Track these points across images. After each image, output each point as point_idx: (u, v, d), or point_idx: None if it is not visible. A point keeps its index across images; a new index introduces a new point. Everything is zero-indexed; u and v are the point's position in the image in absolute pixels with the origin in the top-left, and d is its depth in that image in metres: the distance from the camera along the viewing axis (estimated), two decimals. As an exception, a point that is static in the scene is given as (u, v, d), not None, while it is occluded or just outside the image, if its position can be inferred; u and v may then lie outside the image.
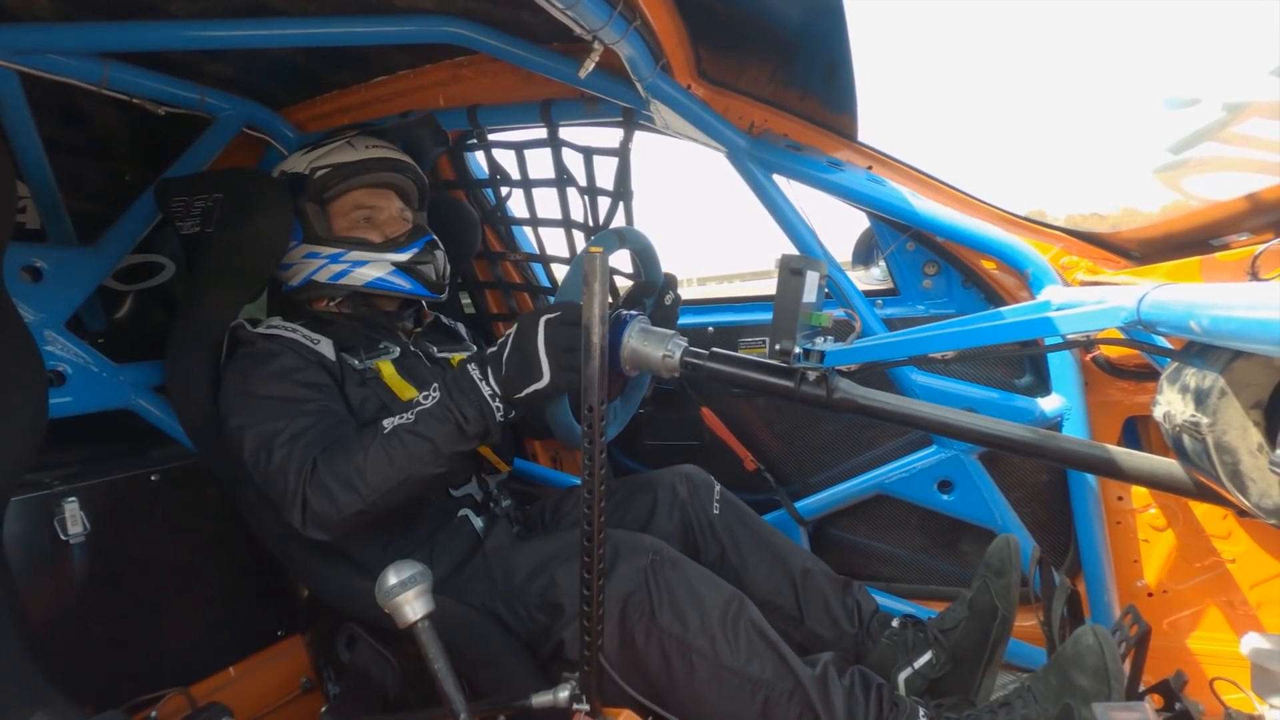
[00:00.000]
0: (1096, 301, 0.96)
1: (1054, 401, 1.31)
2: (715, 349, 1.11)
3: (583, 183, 1.62)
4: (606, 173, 1.59)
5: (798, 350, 0.97)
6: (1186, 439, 0.77)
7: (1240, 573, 1.26)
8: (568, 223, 1.71)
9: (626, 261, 1.58)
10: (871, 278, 1.61)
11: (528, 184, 1.72)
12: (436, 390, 1.09)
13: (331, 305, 1.39)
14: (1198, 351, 0.78)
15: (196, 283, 1.37)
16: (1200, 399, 0.74)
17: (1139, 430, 1.34)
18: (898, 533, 1.62)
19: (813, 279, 0.98)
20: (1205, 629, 1.30)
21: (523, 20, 1.26)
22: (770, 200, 1.43)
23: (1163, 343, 0.97)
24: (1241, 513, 0.77)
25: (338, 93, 1.63)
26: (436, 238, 1.45)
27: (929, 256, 1.48)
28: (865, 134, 1.41)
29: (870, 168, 1.41)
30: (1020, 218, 1.34)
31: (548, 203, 1.73)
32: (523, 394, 1.07)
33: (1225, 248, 1.10)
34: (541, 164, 1.65)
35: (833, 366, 1.02)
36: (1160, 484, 0.87)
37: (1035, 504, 1.47)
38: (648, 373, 1.22)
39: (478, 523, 1.31)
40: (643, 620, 1.05)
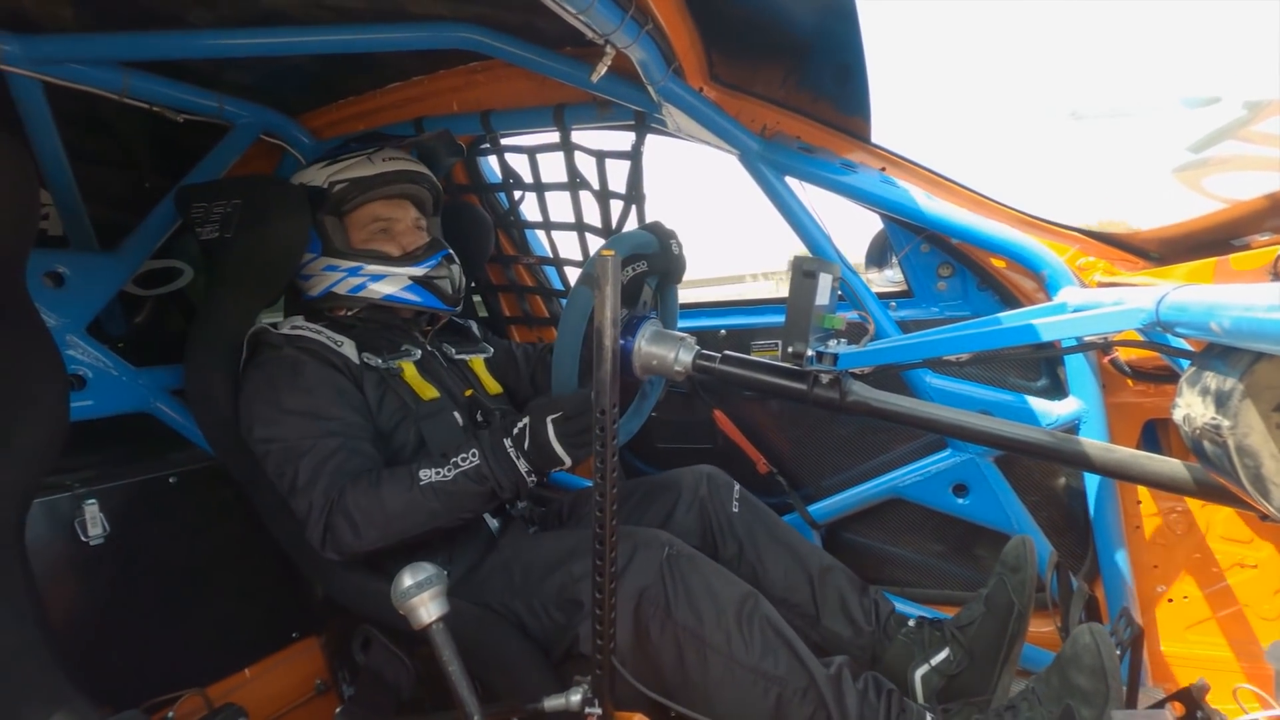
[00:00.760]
0: (1114, 303, 0.94)
1: (1071, 404, 1.30)
2: (727, 352, 1.11)
3: (595, 186, 1.63)
4: (618, 176, 1.59)
5: (810, 353, 0.97)
6: (1207, 442, 0.75)
7: (1263, 578, 1.24)
8: (580, 226, 1.71)
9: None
10: (885, 280, 1.60)
11: (540, 188, 1.73)
12: (475, 456, 1.13)
13: (350, 313, 1.42)
14: (1218, 353, 0.77)
15: (215, 287, 1.39)
16: (1221, 401, 0.73)
17: (1158, 433, 1.32)
18: (912, 536, 1.60)
19: (826, 281, 0.98)
20: (1228, 635, 1.28)
21: (535, 25, 1.26)
22: (783, 203, 1.42)
23: (1182, 345, 0.96)
24: (1264, 517, 0.76)
25: (353, 99, 1.65)
26: (453, 251, 1.48)
27: (943, 258, 1.47)
28: (879, 135, 1.40)
29: (884, 169, 1.40)
30: (1036, 218, 1.33)
31: (560, 206, 1.75)
32: (549, 469, 1.15)
33: (1246, 247, 1.08)
34: (554, 168, 1.66)
35: (846, 369, 1.02)
36: (1180, 488, 0.86)
37: (1052, 508, 1.45)
38: (660, 376, 1.22)
39: (493, 524, 1.32)
40: (657, 614, 1.05)
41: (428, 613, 0.87)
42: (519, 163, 1.73)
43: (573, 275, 1.87)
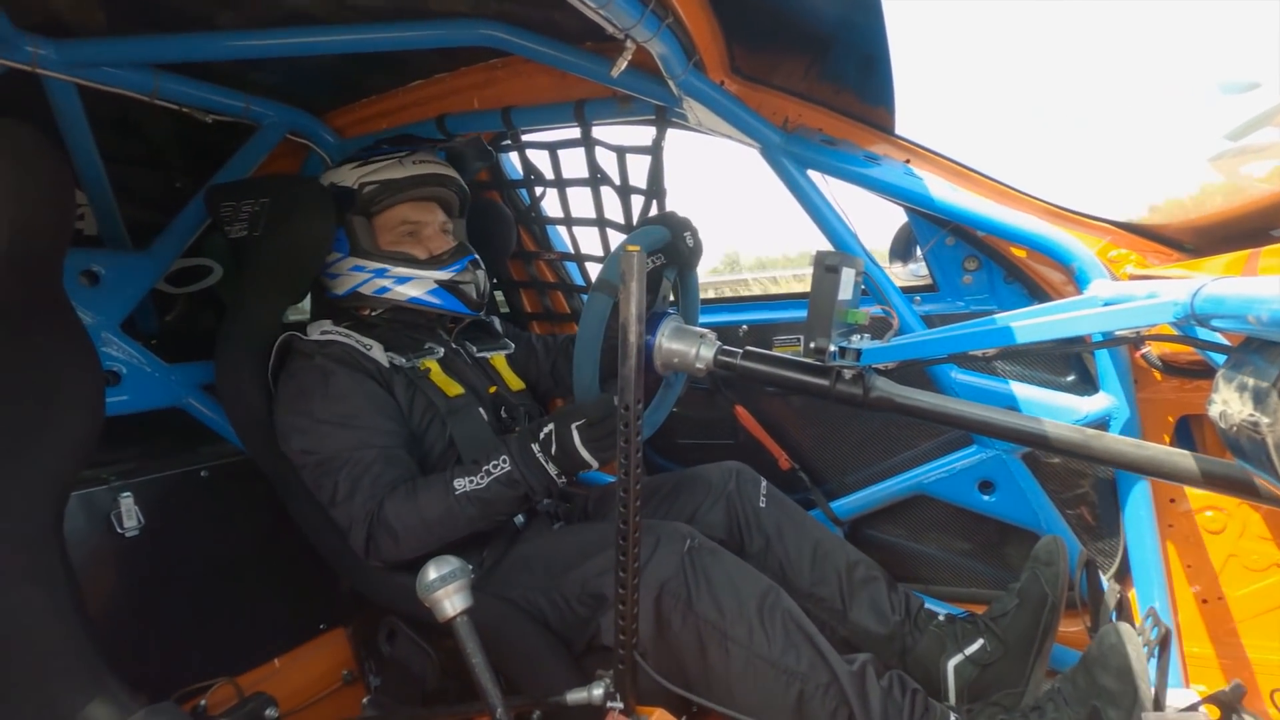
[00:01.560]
0: (1147, 296, 0.92)
1: (1101, 400, 1.27)
2: (749, 348, 1.10)
3: (616, 181, 1.63)
4: (639, 171, 1.59)
5: (833, 348, 0.96)
6: (1244, 439, 0.73)
7: (1303, 579, 1.20)
8: (602, 222, 1.72)
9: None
10: (909, 274, 1.58)
11: (562, 184, 1.73)
12: (506, 462, 1.16)
13: (374, 313, 1.44)
14: (1256, 348, 0.75)
15: (243, 285, 1.42)
16: (1259, 397, 0.70)
17: (1192, 430, 1.29)
18: (937, 534, 1.58)
19: (849, 276, 0.97)
20: (1265, 638, 1.24)
21: (555, 21, 1.26)
22: (805, 196, 1.41)
23: (1218, 339, 0.93)
24: (1304, 516, 0.74)
25: (376, 98, 1.66)
26: (478, 256, 1.49)
27: (969, 251, 1.44)
28: (903, 127, 1.38)
29: (908, 161, 1.38)
30: (1065, 210, 1.30)
31: (581, 202, 1.75)
32: (576, 472, 1.18)
33: (1287, 239, 1.05)
34: (575, 163, 1.66)
35: (869, 365, 1.01)
36: (1216, 486, 0.84)
37: (1082, 506, 1.42)
38: (681, 372, 1.22)
39: (518, 519, 1.34)
40: (679, 606, 1.05)
41: (452, 605, 0.88)
42: (540, 159, 1.74)
43: (594, 270, 1.87)
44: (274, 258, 1.38)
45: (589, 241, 1.82)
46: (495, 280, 1.96)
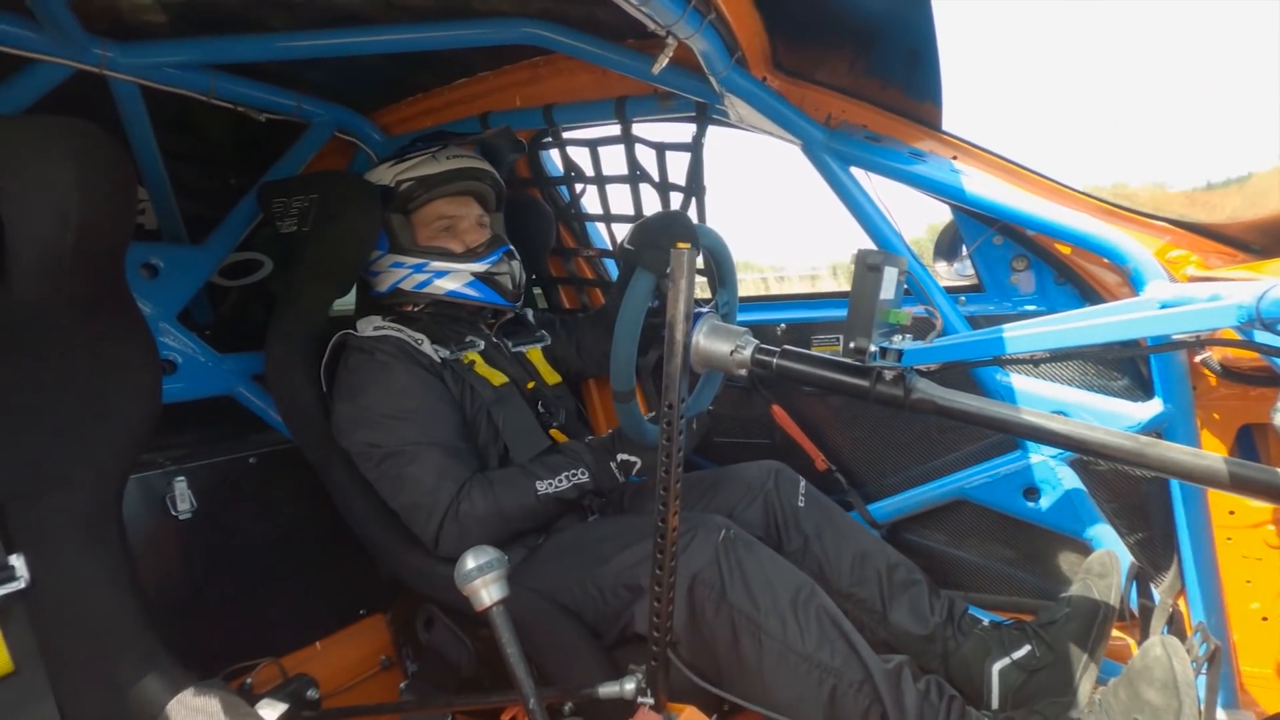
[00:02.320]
0: (1209, 299, 0.88)
1: (1156, 406, 1.22)
2: (787, 347, 1.09)
3: (656, 178, 1.63)
4: (678, 168, 1.59)
5: (873, 349, 0.94)
6: (1313, 450, 0.70)
7: (1373, 599, 1.14)
8: (640, 219, 1.72)
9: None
10: (954, 274, 1.55)
11: (601, 180, 1.74)
12: (584, 473, 1.29)
13: (416, 309, 1.47)
14: (1328, 354, 0.71)
15: (292, 279, 1.46)
16: (1330, 407, 0.67)
17: (1255, 439, 1.23)
18: (978, 540, 1.55)
19: (891, 275, 0.95)
20: (1330, 659, 1.18)
21: (597, 18, 1.27)
22: (847, 194, 1.39)
23: (1286, 344, 0.89)
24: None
25: (421, 96, 1.70)
26: (513, 247, 1.51)
27: (1018, 251, 1.40)
28: (951, 123, 1.35)
29: (955, 158, 1.34)
30: (1121, 208, 1.25)
31: (620, 199, 1.75)
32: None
33: (1363, 240, 0.99)
34: (615, 160, 1.67)
35: (911, 366, 0.99)
36: (1278, 498, 0.80)
37: (1133, 516, 1.37)
38: (718, 371, 1.22)
39: None
40: (712, 596, 1.06)
41: (489, 595, 0.89)
42: (580, 156, 1.75)
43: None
44: (322, 252, 1.42)
45: None
46: (534, 277, 1.98)
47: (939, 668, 1.17)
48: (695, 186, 1.58)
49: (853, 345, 0.93)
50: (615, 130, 1.59)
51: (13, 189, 0.79)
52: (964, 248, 1.47)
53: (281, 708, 1.09)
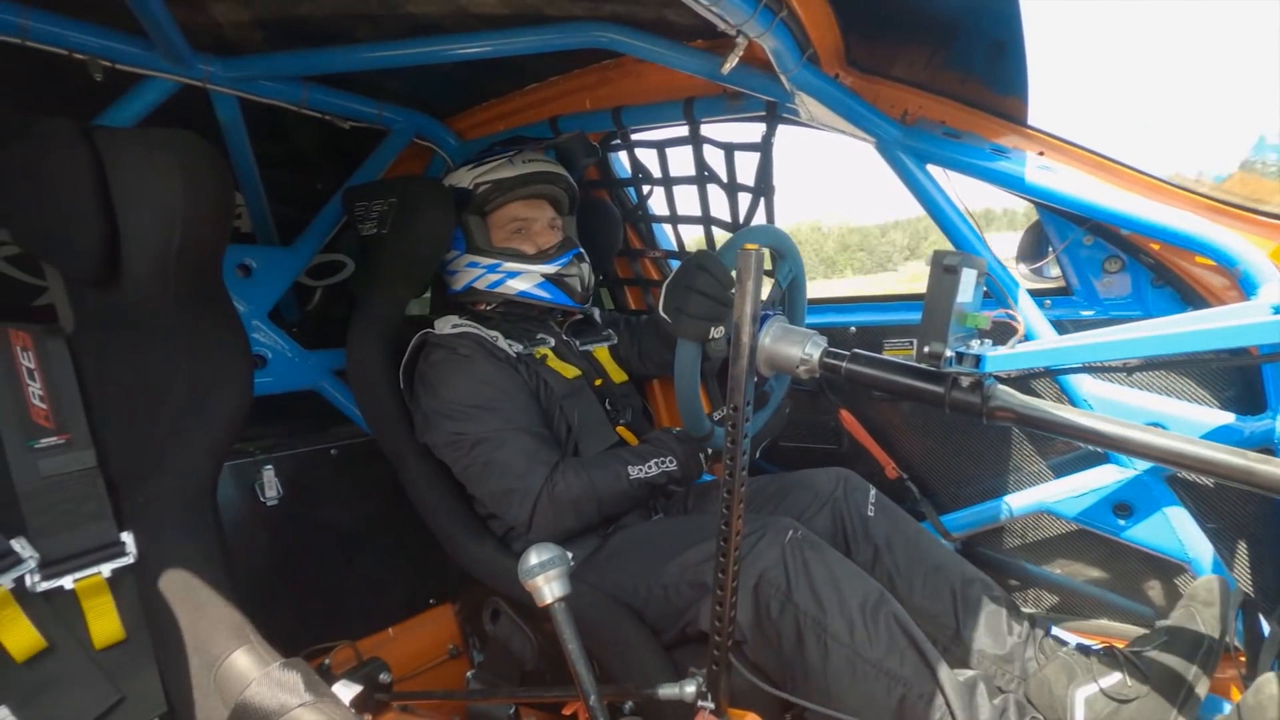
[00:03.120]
0: (1333, 304, 0.80)
1: (1269, 421, 1.12)
2: (857, 350, 1.06)
3: (724, 179, 1.62)
4: (746, 168, 1.57)
5: (949, 353, 0.90)
6: None
7: None
8: (707, 220, 1.71)
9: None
10: (1039, 276, 1.46)
11: (669, 182, 1.74)
12: (673, 461, 1.32)
13: (489, 307, 1.52)
14: None
15: (371, 279, 1.53)
16: None
17: (1387, 460, 1.11)
18: (1062, 558, 1.46)
19: (969, 277, 0.91)
20: None
21: (667, 20, 1.27)
22: (923, 193, 1.34)
23: None
24: None
25: (494, 101, 1.74)
26: (583, 250, 1.54)
27: (1110, 252, 1.32)
28: (1038, 117, 1.28)
29: (1042, 153, 1.27)
30: (1230, 205, 1.15)
31: (688, 200, 1.75)
32: None
33: None
34: (682, 161, 1.67)
35: (989, 372, 0.94)
36: None
37: (1240, 538, 1.26)
38: (785, 374, 1.20)
39: None
40: (777, 595, 1.04)
41: (550, 591, 0.91)
42: (648, 157, 1.76)
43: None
44: (399, 253, 1.48)
45: (695, 240, 1.82)
46: (601, 277, 2.00)
47: (1016, 690, 1.11)
48: (764, 187, 1.56)
49: (927, 350, 0.90)
50: (683, 131, 1.58)
51: (130, 198, 0.86)
52: (1049, 249, 1.39)
53: (357, 688, 1.14)
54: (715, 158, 1.60)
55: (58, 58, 1.21)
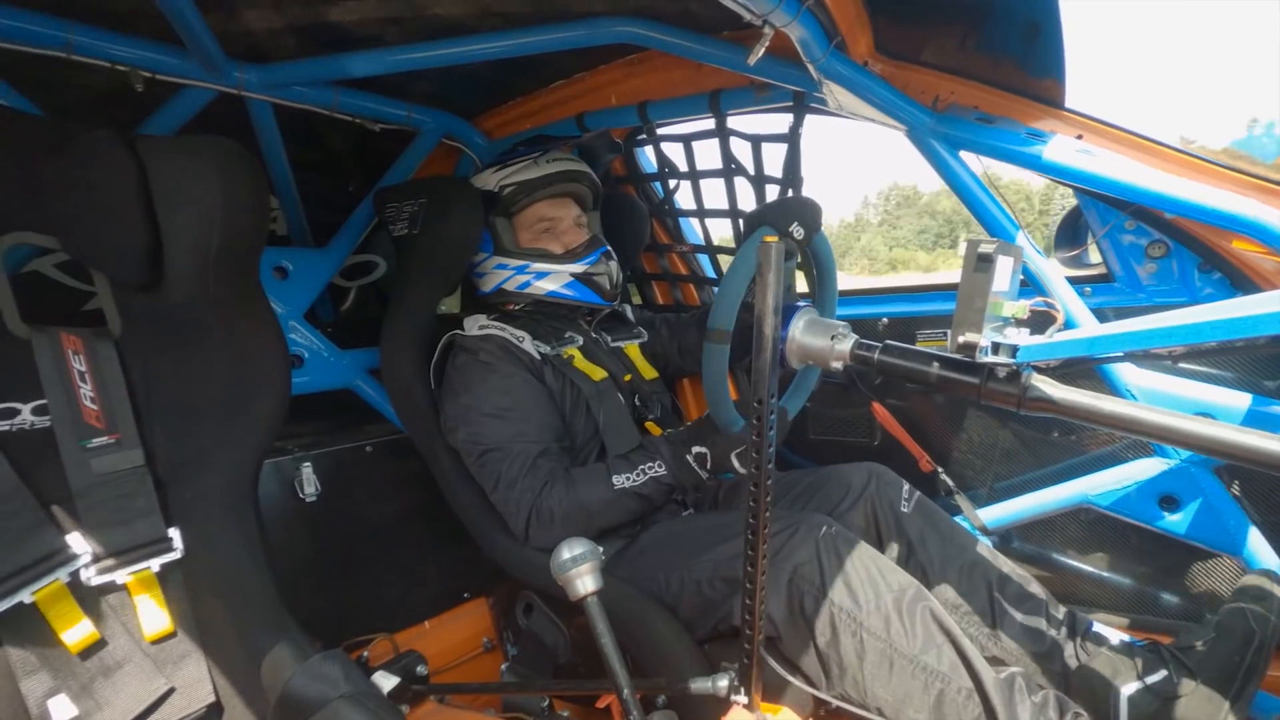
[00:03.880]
0: (1395, 287, 0.76)
1: (1326, 409, 1.08)
2: (889, 342, 1.04)
3: (751, 171, 1.60)
4: (773, 160, 1.56)
5: (985, 344, 0.88)
6: None
7: None
8: (735, 213, 1.70)
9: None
10: (1079, 263, 1.42)
11: (695, 175, 1.73)
12: (661, 466, 1.28)
13: (518, 307, 1.53)
14: None
15: (403, 278, 1.56)
16: None
17: None
18: (1105, 552, 1.42)
19: (1005, 265, 0.89)
20: None
21: (691, 12, 1.26)
22: (957, 180, 1.31)
23: None
24: None
25: (520, 100, 1.75)
26: (610, 248, 1.55)
27: (1153, 236, 1.27)
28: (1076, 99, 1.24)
29: (1080, 136, 1.24)
30: (1281, 185, 1.11)
31: (714, 193, 1.74)
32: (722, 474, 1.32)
33: None
34: (709, 154, 1.66)
35: (1027, 362, 0.92)
36: None
37: (1295, 532, 1.22)
38: (815, 366, 1.18)
39: None
40: (811, 590, 1.04)
41: (583, 585, 0.91)
42: (674, 151, 1.75)
43: (725, 263, 1.86)
44: (430, 252, 1.50)
45: (722, 234, 1.81)
46: (628, 273, 2.00)
47: (1058, 687, 1.08)
48: (792, 178, 1.54)
49: (962, 340, 0.88)
50: (710, 124, 1.57)
51: (171, 204, 0.89)
52: (1089, 235, 1.35)
53: (395, 680, 1.16)
54: (742, 150, 1.60)
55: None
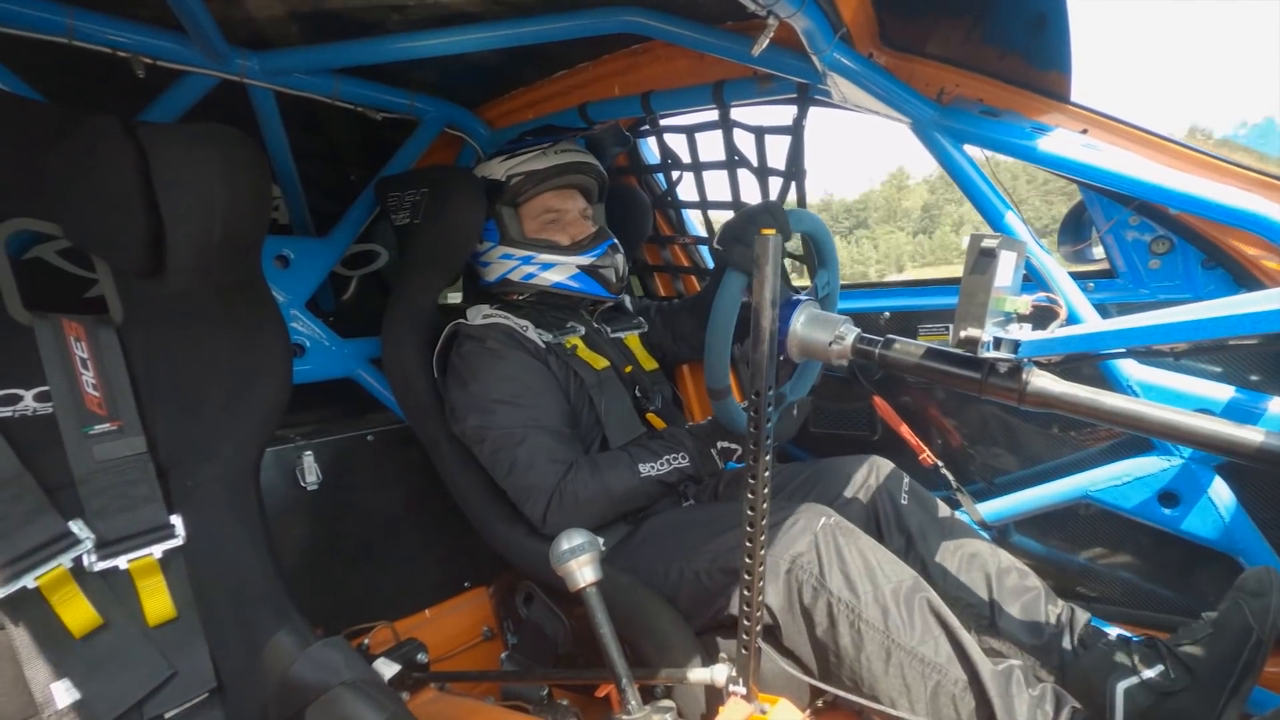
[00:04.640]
0: (1399, 284, 0.76)
1: (1327, 407, 1.07)
2: (890, 336, 1.04)
3: (754, 163, 1.60)
4: (776, 152, 1.55)
5: (987, 339, 0.88)
6: None
7: None
8: (738, 205, 1.69)
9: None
10: (1082, 259, 1.42)
11: (698, 167, 1.73)
12: (684, 458, 1.32)
13: (521, 297, 1.53)
14: None
15: (406, 268, 1.56)
16: None
17: None
18: (1103, 548, 1.43)
19: (1008, 260, 0.89)
20: None
21: (696, 1, 1.25)
22: (961, 174, 1.30)
23: None
24: None
25: (523, 90, 1.74)
26: (617, 240, 1.54)
27: (1158, 232, 1.27)
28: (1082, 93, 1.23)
29: (1085, 131, 1.23)
30: (1287, 181, 1.10)
31: (717, 185, 1.73)
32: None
33: None
34: (712, 146, 1.65)
35: (1028, 357, 0.92)
36: None
37: (1294, 529, 1.22)
38: (816, 360, 1.18)
39: None
40: (810, 580, 1.04)
41: (582, 576, 0.92)
42: (677, 143, 1.75)
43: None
44: (432, 242, 1.50)
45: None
46: (631, 264, 2.00)
47: (1055, 681, 1.09)
48: (795, 170, 1.54)
49: (964, 334, 0.88)
50: (713, 115, 1.57)
51: (173, 191, 0.89)
52: (1093, 230, 1.34)
53: (395, 668, 1.18)
54: (745, 142, 1.59)
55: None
